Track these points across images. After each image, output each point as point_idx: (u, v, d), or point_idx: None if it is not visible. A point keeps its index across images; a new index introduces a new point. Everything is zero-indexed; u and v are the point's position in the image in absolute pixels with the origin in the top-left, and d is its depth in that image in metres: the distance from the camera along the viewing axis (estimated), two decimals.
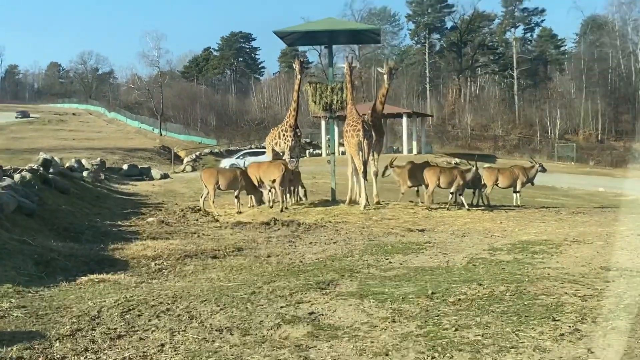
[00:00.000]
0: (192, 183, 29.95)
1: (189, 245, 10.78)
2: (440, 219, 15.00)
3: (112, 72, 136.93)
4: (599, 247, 10.04)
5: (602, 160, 69.09)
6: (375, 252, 10.08)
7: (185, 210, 16.99)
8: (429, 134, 79.18)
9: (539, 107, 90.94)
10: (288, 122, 19.13)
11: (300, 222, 14.53)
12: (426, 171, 17.20)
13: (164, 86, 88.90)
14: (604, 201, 26.11)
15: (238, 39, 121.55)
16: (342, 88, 18.79)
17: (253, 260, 9.60)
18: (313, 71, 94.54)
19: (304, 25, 24.52)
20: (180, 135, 78.37)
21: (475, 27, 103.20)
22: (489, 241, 11.12)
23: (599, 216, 15.54)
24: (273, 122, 77.84)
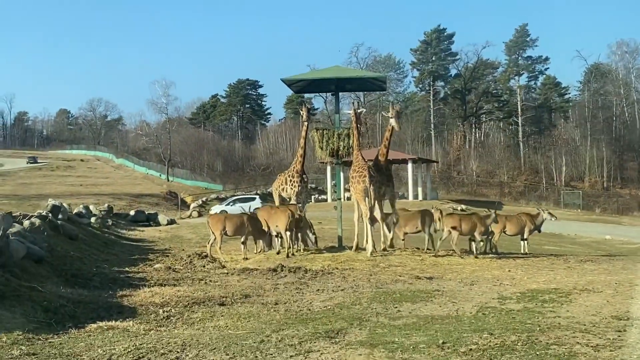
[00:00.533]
0: (198, 229, 29.99)
1: (196, 292, 10.76)
2: (448, 266, 14.93)
3: (120, 118, 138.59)
4: (609, 295, 9.97)
5: (608, 208, 68.86)
6: (384, 300, 10.02)
7: (192, 257, 17.01)
8: (435, 180, 79.29)
9: (544, 154, 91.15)
10: (295, 168, 19.25)
11: (307, 268, 14.49)
12: (446, 218, 17.12)
13: (171, 132, 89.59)
14: (611, 249, 25.97)
15: (245, 85, 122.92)
16: (349, 134, 18.94)
17: (261, 307, 9.56)
18: (319, 117, 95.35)
19: (312, 73, 24.81)
20: (187, 181, 78.62)
21: (479, 74, 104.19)
22: (498, 289, 11.06)
23: (607, 264, 15.45)
24: (279, 167, 78.20)
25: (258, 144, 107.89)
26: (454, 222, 16.73)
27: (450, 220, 16.88)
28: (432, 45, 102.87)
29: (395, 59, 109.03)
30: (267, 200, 60.86)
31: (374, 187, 17.21)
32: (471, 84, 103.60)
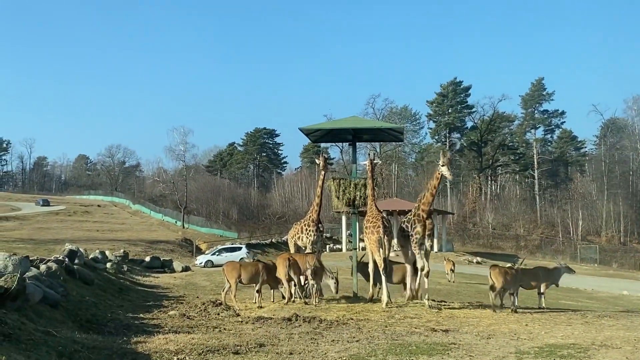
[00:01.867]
0: (213, 276, 29.95)
1: (210, 340, 10.70)
2: (465, 319, 14.77)
3: (138, 165, 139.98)
4: (628, 352, 9.82)
5: (625, 263, 68.02)
6: (400, 352, 9.92)
7: (207, 304, 16.97)
8: (450, 231, 78.91)
9: (560, 208, 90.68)
10: (311, 217, 19.30)
11: (322, 318, 14.39)
12: (492, 271, 17.00)
13: (188, 179, 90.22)
14: (628, 304, 25.58)
15: (262, 134, 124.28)
16: (365, 184, 19.01)
17: (275, 357, 9.50)
18: (334, 167, 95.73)
19: (330, 123, 25.05)
20: (202, 228, 78.77)
21: (495, 127, 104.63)
22: (515, 344, 10.91)
23: (626, 320, 15.23)
24: (294, 216, 78.31)
25: (273, 192, 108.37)
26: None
27: (496, 273, 16.85)
28: (448, 97, 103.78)
29: (412, 111, 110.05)
30: (263, 249, 60.93)
31: (388, 238, 17.21)
32: (487, 137, 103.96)
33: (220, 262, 43.26)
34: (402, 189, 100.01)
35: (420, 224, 16.49)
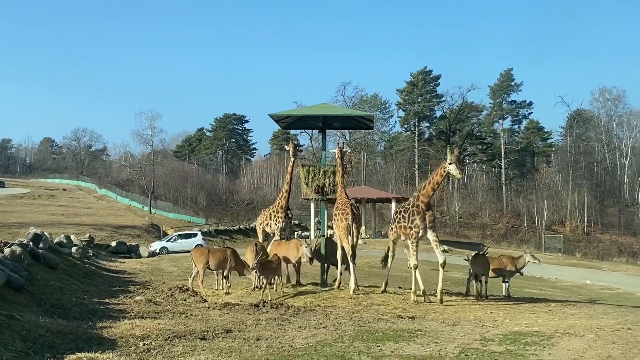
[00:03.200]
0: (180, 262, 29.78)
1: (177, 326, 10.66)
2: (430, 306, 14.93)
3: (105, 149, 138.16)
4: (591, 340, 10.01)
5: (589, 253, 69.25)
6: (366, 339, 9.99)
7: (174, 290, 16.91)
8: None
9: (526, 198, 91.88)
10: (280, 204, 19.27)
11: (289, 305, 14.45)
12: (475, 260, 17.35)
13: (156, 164, 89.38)
14: (591, 294, 26.08)
15: (231, 120, 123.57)
16: (334, 172, 19.03)
17: (242, 342, 9.49)
18: (304, 154, 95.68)
19: (300, 110, 24.96)
20: (169, 214, 78.17)
21: (463, 117, 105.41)
22: (480, 331, 11.06)
23: (588, 309, 15.53)
24: (262, 202, 78.16)
25: (242, 179, 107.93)
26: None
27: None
28: (418, 86, 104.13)
29: (382, 99, 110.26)
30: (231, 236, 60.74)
31: (356, 225, 17.28)
32: (456, 126, 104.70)
33: (175, 249, 43.02)
34: (371, 177, 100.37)
35: (420, 215, 15.62)
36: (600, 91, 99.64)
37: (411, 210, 15.82)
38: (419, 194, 15.93)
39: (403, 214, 16.09)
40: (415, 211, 15.66)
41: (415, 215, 15.62)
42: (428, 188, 15.75)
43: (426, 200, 15.76)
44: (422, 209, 15.65)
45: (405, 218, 15.95)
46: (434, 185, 15.75)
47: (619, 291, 28.70)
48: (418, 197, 15.90)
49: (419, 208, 15.68)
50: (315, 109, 21.13)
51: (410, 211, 15.84)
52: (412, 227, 15.61)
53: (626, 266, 54.21)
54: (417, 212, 15.62)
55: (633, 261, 61.17)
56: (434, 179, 15.73)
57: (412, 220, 15.64)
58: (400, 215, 16.29)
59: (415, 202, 15.84)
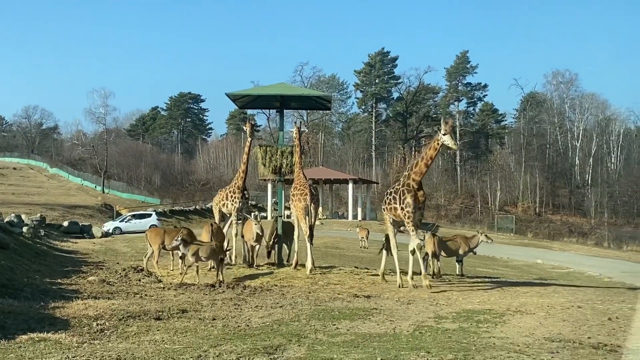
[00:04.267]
0: (134, 242, 29.44)
1: (131, 306, 10.55)
2: (386, 285, 15.09)
3: (56, 127, 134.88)
4: (541, 317, 10.24)
5: (540, 233, 70.78)
6: (322, 318, 10.04)
7: (128, 270, 16.73)
8: (374, 200, 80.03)
9: (480, 179, 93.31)
10: (236, 184, 19.15)
11: (245, 284, 14.45)
12: (430, 239, 17.44)
13: (109, 143, 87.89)
14: (542, 273, 26.69)
15: (187, 99, 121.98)
16: (292, 152, 19.00)
17: (198, 322, 9.44)
18: (261, 134, 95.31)
19: (257, 89, 24.80)
20: (123, 194, 77.05)
21: (420, 98, 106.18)
22: (434, 309, 11.22)
23: (539, 287, 15.89)
24: (219, 183, 77.62)
25: (198, 159, 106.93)
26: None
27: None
28: (375, 67, 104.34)
29: (339, 80, 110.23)
30: (187, 216, 60.35)
31: (314, 206, 17.31)
32: (412, 108, 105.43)
33: (128, 229, 42.50)
34: (329, 157, 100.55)
35: (411, 194, 14.47)
36: (554, 74, 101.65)
37: (402, 190, 14.72)
38: (411, 172, 14.77)
39: (394, 195, 15.03)
40: (407, 190, 14.60)
41: (406, 194, 14.55)
42: (421, 165, 14.55)
43: (418, 179, 14.66)
44: (413, 187, 14.60)
45: (396, 199, 14.87)
46: (428, 161, 14.50)
47: (568, 270, 29.43)
48: (409, 175, 14.76)
49: (409, 187, 14.62)
50: (273, 89, 21.02)
51: (401, 191, 14.74)
52: (405, 207, 14.53)
53: (576, 246, 55.60)
54: (409, 191, 14.57)
55: (583, 241, 62.76)
56: (428, 153, 14.47)
57: (404, 200, 14.54)
58: (390, 197, 15.19)
59: (406, 181, 14.73)
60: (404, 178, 14.88)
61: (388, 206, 15.26)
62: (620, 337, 8.49)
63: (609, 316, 10.26)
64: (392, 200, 15.04)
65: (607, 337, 8.45)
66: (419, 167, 14.56)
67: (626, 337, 8.52)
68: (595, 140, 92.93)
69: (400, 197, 14.69)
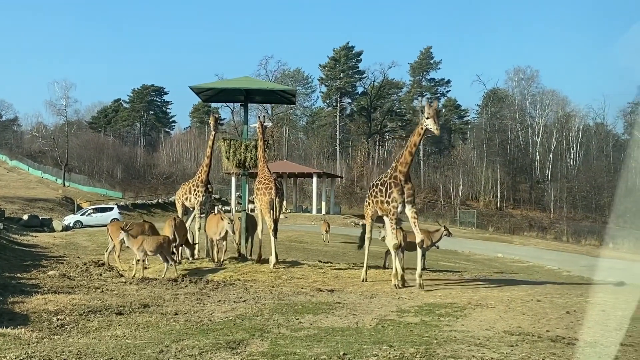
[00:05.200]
0: (95, 236, 29.08)
1: (92, 301, 10.44)
2: (350, 279, 15.15)
3: (16, 119, 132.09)
4: (502, 311, 10.39)
5: (501, 227, 71.76)
6: (286, 312, 10.05)
7: (89, 264, 16.54)
8: (338, 194, 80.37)
9: (442, 174, 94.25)
10: (200, 178, 19.04)
11: (208, 279, 14.39)
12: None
13: (70, 136, 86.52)
14: (502, 266, 27.05)
15: (150, 92, 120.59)
16: (256, 146, 18.95)
17: (160, 317, 9.38)
18: (225, 128, 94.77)
19: (221, 83, 24.71)
20: (84, 187, 75.97)
21: (384, 93, 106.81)
22: (397, 303, 11.31)
23: (499, 281, 16.11)
24: (182, 176, 77.05)
25: (161, 152, 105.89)
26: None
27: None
28: (340, 62, 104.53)
29: (304, 74, 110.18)
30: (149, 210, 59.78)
31: (279, 200, 17.28)
32: (377, 102, 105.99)
33: (90, 223, 41.95)
34: (293, 151, 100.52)
35: (397, 188, 13.69)
36: (515, 71, 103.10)
37: (388, 182, 13.94)
38: (397, 163, 14.01)
39: (380, 187, 14.30)
40: (393, 183, 13.79)
41: (392, 187, 13.76)
42: (405, 154, 13.83)
43: (405, 170, 13.82)
44: (400, 180, 13.78)
45: (382, 191, 14.15)
46: (412, 149, 13.78)
47: (528, 264, 29.90)
48: (396, 167, 13.98)
49: (396, 180, 13.80)
50: (237, 82, 20.95)
51: (387, 183, 13.97)
52: (390, 202, 13.77)
53: (536, 240, 56.52)
54: (395, 184, 13.76)
55: (542, 235, 63.82)
56: (411, 140, 13.81)
57: (390, 194, 13.78)
58: (377, 189, 14.47)
59: (393, 173, 13.95)
60: (391, 170, 14.17)
61: (374, 199, 14.62)
62: (578, 330, 8.66)
63: (567, 310, 10.45)
64: (378, 192, 14.35)
65: (565, 330, 8.62)
66: (404, 157, 13.85)
67: (583, 330, 8.70)
68: (555, 136, 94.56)
69: (386, 190, 13.98)
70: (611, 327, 8.78)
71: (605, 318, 9.57)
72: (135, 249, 14.81)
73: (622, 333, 8.37)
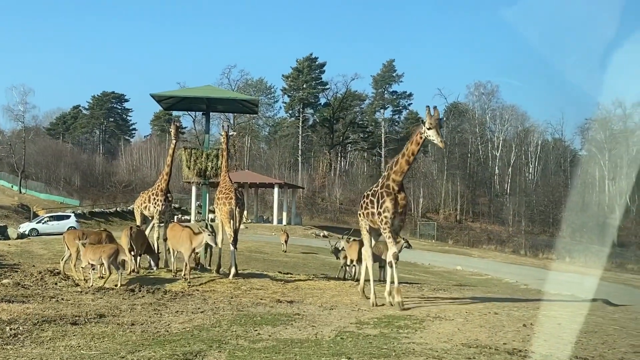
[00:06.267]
0: (51, 244, 28.55)
1: (47, 310, 10.24)
2: (309, 290, 15.13)
3: None
4: (460, 323, 10.47)
5: (460, 240, 72.56)
6: (244, 323, 9.98)
7: (44, 273, 16.18)
8: (299, 205, 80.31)
9: (403, 186, 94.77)
10: (159, 186, 18.80)
11: (166, 289, 14.21)
12: (353, 245, 17.58)
13: (27, 142, 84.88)
14: (461, 279, 27.33)
15: (110, 99, 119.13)
16: (217, 155, 18.86)
17: (116, 328, 9.23)
18: (186, 136, 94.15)
19: (183, 91, 24.56)
20: (41, 194, 74.64)
21: (347, 105, 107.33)
22: (356, 315, 11.32)
23: (458, 293, 16.25)
24: (141, 185, 76.16)
25: (120, 160, 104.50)
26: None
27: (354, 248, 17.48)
28: (303, 72, 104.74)
29: (267, 84, 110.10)
30: (107, 218, 59.00)
31: (239, 210, 17.19)
32: (339, 114, 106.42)
33: (46, 231, 41.27)
34: (255, 162, 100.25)
35: (390, 197, 12.74)
36: (476, 85, 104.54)
37: (380, 192, 12.99)
38: (390, 171, 12.99)
39: (371, 198, 13.31)
40: (386, 192, 12.85)
41: (385, 197, 12.81)
42: (402, 162, 12.82)
43: (399, 179, 12.89)
44: (393, 189, 12.85)
45: (373, 202, 13.17)
46: (409, 157, 12.77)
47: (487, 277, 30.26)
48: (389, 175, 13.00)
49: (389, 189, 12.87)
50: (199, 91, 20.86)
51: (379, 193, 13.01)
52: (382, 212, 12.77)
53: (494, 253, 57.29)
54: (388, 193, 12.82)
55: (501, 249, 64.70)
56: (409, 148, 12.74)
57: (382, 204, 12.80)
58: (368, 200, 13.47)
59: (386, 182, 12.99)
60: (383, 179, 13.19)
61: (365, 211, 13.61)
62: (534, 343, 8.78)
63: (524, 322, 10.58)
64: (370, 204, 13.32)
65: (522, 343, 8.73)
66: (400, 166, 12.84)
67: (539, 342, 8.82)
68: (514, 150, 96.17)
69: (378, 201, 12.96)
70: (566, 340, 8.92)
71: (560, 331, 9.72)
72: (78, 257, 14.70)
73: (576, 346, 8.51)
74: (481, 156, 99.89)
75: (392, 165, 13.02)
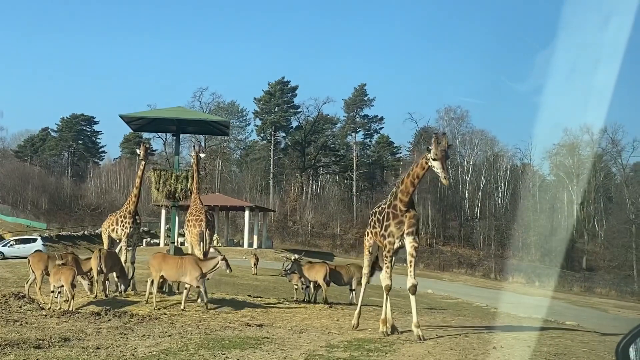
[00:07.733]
0: (16, 268, 28.00)
1: (10, 334, 10.01)
2: (279, 314, 14.99)
3: None
4: (430, 346, 10.43)
5: (431, 264, 72.86)
6: (212, 347, 9.82)
7: (8, 297, 15.86)
8: (270, 228, 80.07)
9: (413, 202, 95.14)
10: (127, 209, 18.57)
11: (133, 313, 13.96)
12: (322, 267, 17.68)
13: None
14: (432, 302, 27.37)
15: (79, 121, 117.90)
16: (187, 177, 18.71)
17: (81, 351, 9.03)
18: (157, 159, 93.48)
19: (153, 112, 24.43)
20: (7, 217, 73.33)
21: (318, 128, 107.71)
22: (326, 338, 11.22)
23: (429, 317, 16.26)
24: (110, 208, 75.09)
25: (89, 183, 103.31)
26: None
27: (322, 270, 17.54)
28: (275, 96, 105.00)
29: (239, 107, 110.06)
30: (74, 242, 58.24)
31: (209, 232, 17.05)
32: (311, 137, 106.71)
33: (12, 254, 40.67)
34: (226, 184, 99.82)
35: (396, 220, 11.77)
36: (446, 110, 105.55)
37: (387, 212, 12.06)
38: (397, 190, 12.11)
39: (378, 216, 12.44)
40: (392, 214, 11.90)
41: (390, 219, 11.88)
42: (407, 182, 11.95)
43: (406, 199, 11.85)
44: (400, 210, 11.83)
45: (379, 222, 12.27)
46: (414, 179, 11.93)
47: (457, 300, 30.36)
48: (396, 194, 12.07)
49: (396, 209, 11.87)
50: (169, 112, 20.74)
51: (385, 213, 12.10)
52: (387, 236, 11.94)
53: (465, 277, 57.64)
54: (394, 214, 11.86)
55: (471, 272, 65.16)
56: (414, 170, 11.97)
57: (387, 226, 11.92)
58: (375, 218, 12.66)
59: (393, 202, 12.02)
60: (391, 196, 12.25)
61: (372, 230, 12.82)
62: None
63: (494, 345, 10.58)
64: (377, 222, 12.47)
65: None
66: (405, 186, 11.94)
67: None
68: (484, 175, 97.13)
69: (383, 221, 12.08)
70: None
71: (530, 354, 9.73)
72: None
73: None
74: (451, 180, 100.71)
75: (399, 183, 12.21)
